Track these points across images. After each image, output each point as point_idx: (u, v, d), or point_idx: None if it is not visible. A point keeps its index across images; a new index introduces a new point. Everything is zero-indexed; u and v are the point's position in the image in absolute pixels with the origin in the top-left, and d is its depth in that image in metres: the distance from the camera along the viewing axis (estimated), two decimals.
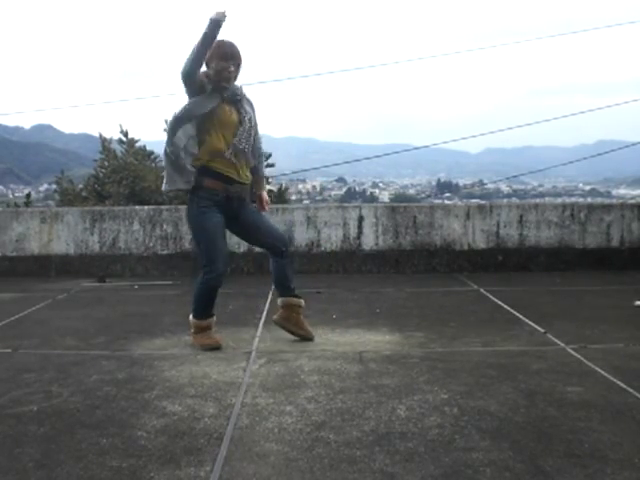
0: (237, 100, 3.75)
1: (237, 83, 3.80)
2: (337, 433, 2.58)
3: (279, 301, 4.07)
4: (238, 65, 3.71)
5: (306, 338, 4.01)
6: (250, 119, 3.77)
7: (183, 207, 7.19)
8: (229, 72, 3.66)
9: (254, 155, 3.87)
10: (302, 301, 4.07)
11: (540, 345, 3.92)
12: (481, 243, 6.98)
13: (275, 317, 4.10)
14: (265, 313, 4.89)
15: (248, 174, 3.86)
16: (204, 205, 3.74)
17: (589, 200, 32.27)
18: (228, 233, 3.93)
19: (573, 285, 6.02)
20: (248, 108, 3.81)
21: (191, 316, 3.91)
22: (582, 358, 3.59)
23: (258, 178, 4.08)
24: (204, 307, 3.87)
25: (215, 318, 3.94)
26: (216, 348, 3.82)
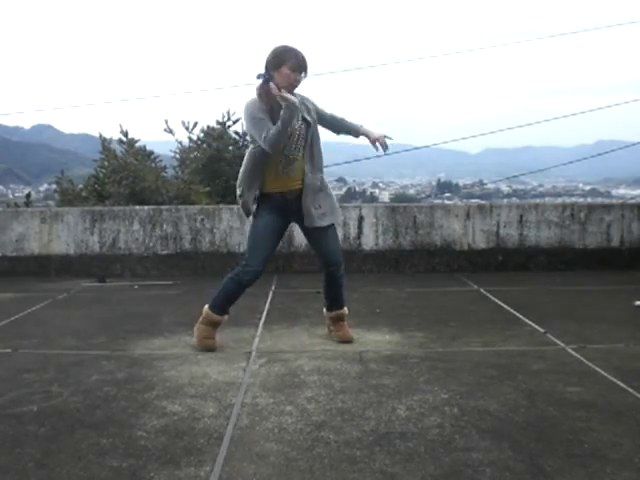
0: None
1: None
2: (337, 433, 2.58)
3: (324, 313, 4.15)
4: (304, 78, 3.72)
5: (343, 339, 4.02)
6: (301, 126, 3.71)
7: (183, 207, 7.21)
8: (297, 82, 3.66)
9: (314, 153, 3.80)
10: (342, 311, 4.08)
11: (540, 345, 3.92)
12: (481, 243, 6.98)
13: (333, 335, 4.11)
14: (265, 313, 4.89)
15: (306, 171, 3.76)
16: (263, 208, 3.80)
17: (589, 200, 32.27)
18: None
19: (573, 285, 6.02)
20: (305, 110, 3.75)
21: (207, 305, 3.88)
22: (582, 358, 3.59)
23: (351, 127, 3.99)
24: (224, 301, 3.85)
25: (227, 318, 3.92)
26: (209, 350, 3.81)
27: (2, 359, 3.70)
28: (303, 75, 3.68)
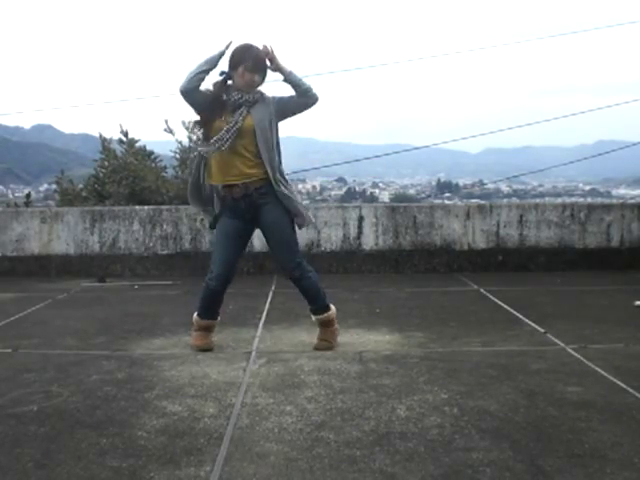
0: (240, 104, 3.66)
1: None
2: (337, 433, 2.58)
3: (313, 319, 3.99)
4: (263, 78, 3.70)
5: (318, 348, 3.86)
6: (240, 120, 3.62)
7: (183, 207, 7.20)
8: (254, 82, 3.66)
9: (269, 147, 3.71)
10: (324, 316, 3.91)
11: (540, 345, 3.92)
12: (481, 243, 6.98)
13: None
14: (265, 313, 4.89)
15: (251, 170, 3.69)
16: (221, 210, 3.80)
17: (589, 200, 32.24)
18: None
19: (573, 285, 6.02)
20: (257, 108, 3.70)
21: (195, 312, 3.93)
22: (582, 358, 3.59)
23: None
24: (204, 307, 3.89)
25: (217, 321, 3.94)
26: (205, 350, 3.82)
27: (2, 359, 3.70)
28: (260, 76, 3.66)
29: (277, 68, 3.67)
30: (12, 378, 3.32)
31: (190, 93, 3.63)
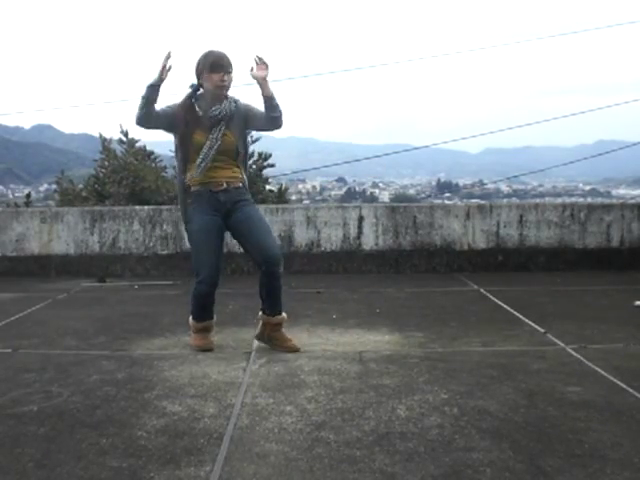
0: (218, 120, 3.67)
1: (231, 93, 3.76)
2: (337, 433, 2.58)
3: (259, 315, 3.86)
4: (229, 73, 3.68)
5: (292, 350, 3.78)
6: (218, 139, 3.65)
7: None
8: (224, 81, 3.66)
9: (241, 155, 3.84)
10: (282, 317, 3.82)
11: (540, 345, 3.92)
12: (481, 243, 6.98)
13: (256, 333, 3.91)
14: None
15: (234, 174, 3.77)
16: (193, 209, 3.78)
17: (589, 200, 32.25)
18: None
19: (573, 285, 6.02)
20: (235, 122, 3.73)
21: (190, 317, 3.92)
22: (582, 358, 3.59)
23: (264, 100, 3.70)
24: (197, 310, 3.86)
25: (214, 321, 3.93)
26: (206, 350, 3.81)
27: (2, 359, 3.70)
28: (228, 73, 3.65)
29: (263, 79, 3.63)
30: (12, 378, 3.32)
31: (147, 119, 3.62)
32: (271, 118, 3.70)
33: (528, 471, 2.25)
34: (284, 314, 3.86)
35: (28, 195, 10.46)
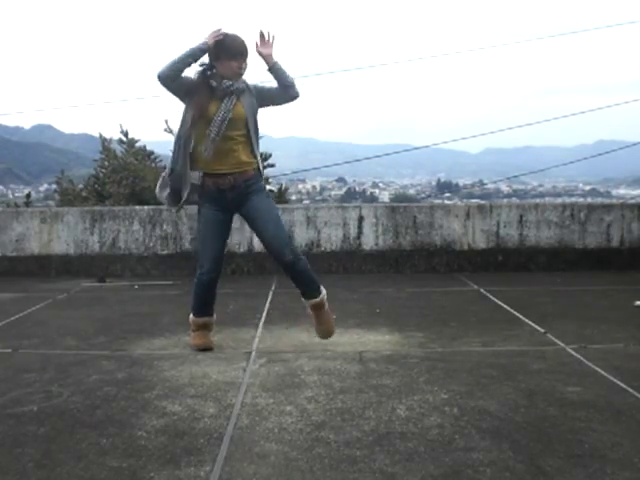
0: (231, 92, 3.64)
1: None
2: (337, 433, 2.58)
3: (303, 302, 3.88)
4: (246, 60, 3.68)
5: (321, 334, 3.82)
6: (230, 110, 3.61)
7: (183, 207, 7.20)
8: (240, 69, 3.66)
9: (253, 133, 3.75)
10: (316, 300, 3.80)
11: (540, 345, 3.92)
12: (481, 243, 6.98)
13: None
14: (265, 313, 4.89)
15: (248, 159, 3.73)
16: (201, 202, 3.80)
17: (589, 200, 32.26)
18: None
19: (573, 285, 6.02)
20: (245, 96, 3.71)
21: (191, 313, 3.92)
22: (582, 358, 3.59)
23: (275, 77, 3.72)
24: (198, 304, 3.87)
25: (214, 319, 3.93)
26: (205, 349, 3.82)
27: (2, 359, 3.70)
28: (245, 62, 3.65)
29: (268, 55, 3.65)
30: (12, 378, 3.32)
31: (171, 79, 3.59)
32: (284, 87, 3.70)
33: (528, 471, 2.25)
34: (322, 295, 3.80)
35: (28, 195, 10.46)
